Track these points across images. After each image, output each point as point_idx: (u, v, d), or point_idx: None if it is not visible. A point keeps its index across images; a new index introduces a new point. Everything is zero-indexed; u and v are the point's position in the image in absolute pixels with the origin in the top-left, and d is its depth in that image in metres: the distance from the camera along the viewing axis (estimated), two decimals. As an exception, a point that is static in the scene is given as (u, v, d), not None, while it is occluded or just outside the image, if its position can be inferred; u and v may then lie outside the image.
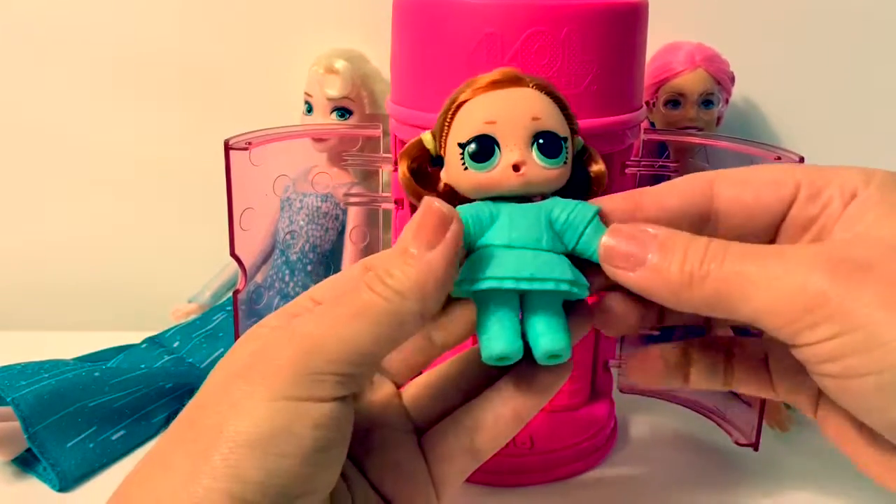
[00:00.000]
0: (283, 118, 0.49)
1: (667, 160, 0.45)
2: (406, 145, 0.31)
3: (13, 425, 0.43)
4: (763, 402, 0.44)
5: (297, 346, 0.24)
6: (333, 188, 0.56)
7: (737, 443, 0.46)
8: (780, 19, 0.60)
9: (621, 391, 0.51)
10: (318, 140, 0.55)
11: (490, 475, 0.44)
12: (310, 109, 0.57)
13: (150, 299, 0.62)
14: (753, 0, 0.60)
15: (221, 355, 0.55)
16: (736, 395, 0.49)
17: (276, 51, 0.61)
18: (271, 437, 0.23)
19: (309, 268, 0.55)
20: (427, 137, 0.30)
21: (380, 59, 0.57)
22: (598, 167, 0.30)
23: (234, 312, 0.45)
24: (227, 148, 0.41)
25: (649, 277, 0.25)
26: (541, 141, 0.28)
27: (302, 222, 0.55)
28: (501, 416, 0.29)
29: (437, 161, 0.30)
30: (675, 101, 0.55)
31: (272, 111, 0.60)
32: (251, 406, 0.23)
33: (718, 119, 0.56)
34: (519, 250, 0.27)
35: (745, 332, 0.35)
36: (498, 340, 0.26)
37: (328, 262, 0.57)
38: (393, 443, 0.30)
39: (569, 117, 0.29)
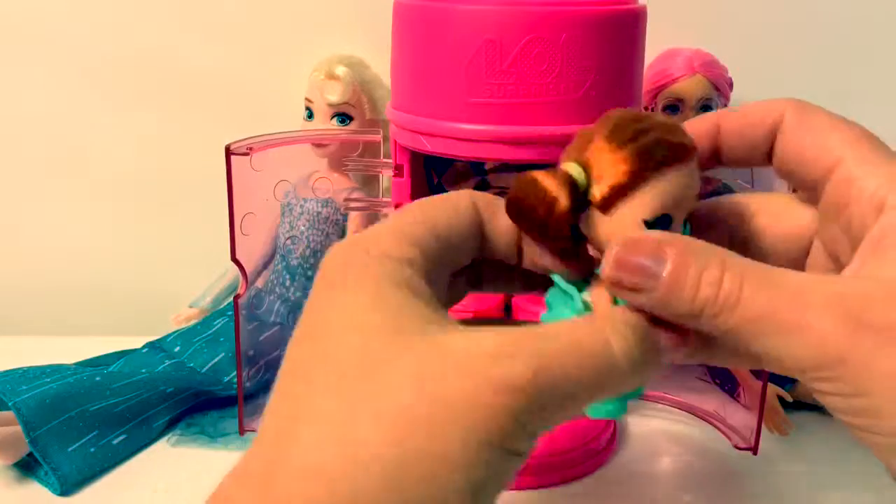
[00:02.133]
0: (283, 124, 0.49)
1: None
2: (540, 177, 0.24)
3: (15, 430, 0.43)
4: (762, 406, 0.45)
5: (523, 386, 0.21)
6: (334, 193, 0.56)
7: (736, 447, 0.46)
8: (778, 25, 0.60)
9: (621, 395, 0.51)
10: (319, 145, 0.55)
11: (490, 479, 0.44)
12: (310, 115, 0.57)
13: (151, 304, 0.62)
14: (752, 6, 0.60)
15: (222, 360, 0.56)
16: (735, 399, 0.49)
17: (277, 56, 0.62)
18: (493, 493, 0.21)
19: (309, 273, 0.56)
20: (577, 172, 0.24)
21: (380, 65, 0.58)
22: None
23: (235, 317, 0.46)
24: (228, 153, 0.41)
25: (660, 302, 0.23)
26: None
27: (302, 227, 0.55)
28: None
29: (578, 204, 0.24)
30: (673, 107, 0.55)
31: (273, 117, 0.60)
32: (486, 457, 0.20)
33: (717, 124, 0.57)
34: None
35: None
36: None
37: (328, 266, 0.57)
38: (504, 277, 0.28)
39: None
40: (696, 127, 0.27)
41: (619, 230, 0.24)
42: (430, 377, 0.21)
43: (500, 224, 0.26)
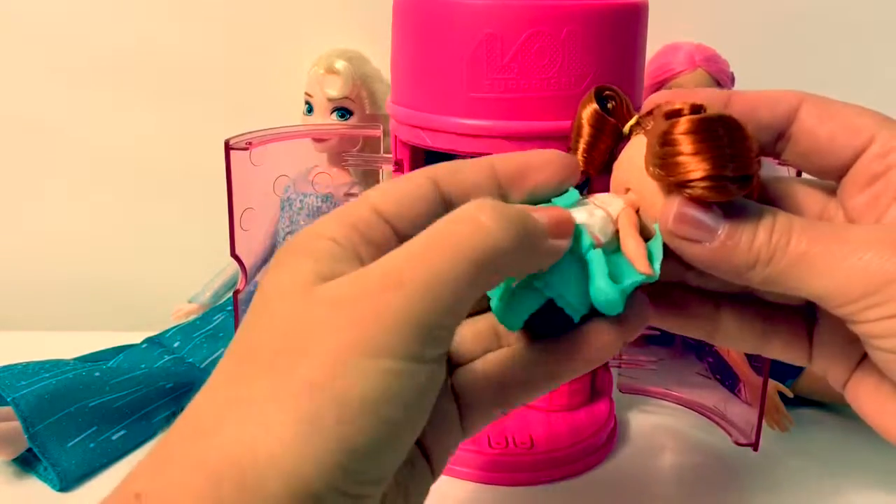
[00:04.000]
0: (283, 118, 0.49)
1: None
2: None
3: (14, 425, 0.43)
4: (763, 402, 0.45)
5: (409, 295, 0.21)
6: (334, 188, 0.56)
7: (736, 443, 0.46)
8: (779, 19, 0.60)
9: (621, 391, 0.51)
10: (319, 140, 0.55)
11: (490, 475, 0.44)
12: (310, 110, 0.57)
13: (151, 299, 0.62)
14: (753, 0, 0.60)
15: (222, 356, 0.55)
16: (735, 395, 0.49)
17: (277, 51, 0.61)
18: (385, 401, 0.21)
19: (309, 268, 0.55)
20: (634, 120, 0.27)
21: (380, 59, 0.58)
22: None
23: (235, 313, 0.46)
24: (228, 148, 0.41)
25: (716, 253, 0.25)
26: None
27: (302, 222, 0.55)
28: (534, 374, 0.28)
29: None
30: (674, 102, 0.55)
31: (272, 111, 0.60)
32: (362, 366, 0.21)
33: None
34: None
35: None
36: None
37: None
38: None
39: None
40: (712, 97, 0.28)
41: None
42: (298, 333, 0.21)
43: (466, 180, 0.26)
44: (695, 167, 0.24)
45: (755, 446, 0.45)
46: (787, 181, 0.29)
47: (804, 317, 0.29)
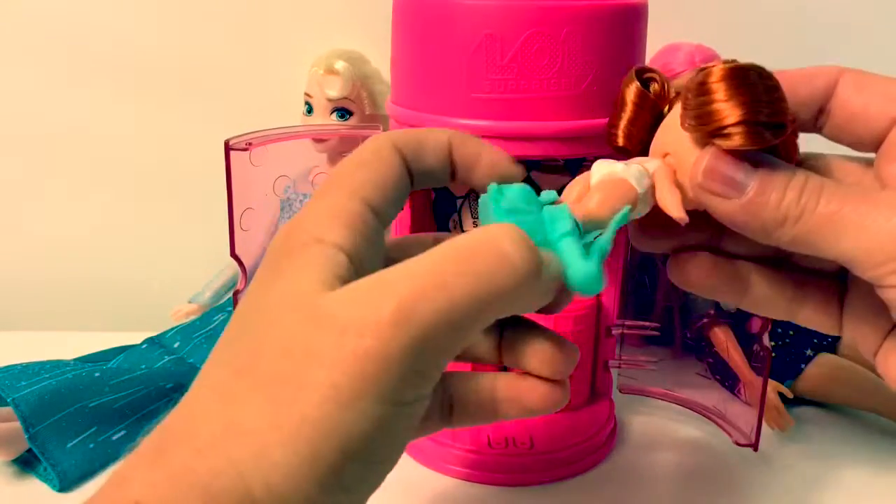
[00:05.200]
0: (283, 119, 0.49)
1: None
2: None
3: (14, 426, 0.43)
4: (763, 402, 0.45)
5: (411, 334, 0.20)
6: (333, 189, 0.55)
7: (736, 443, 0.46)
8: (779, 20, 0.60)
9: (621, 391, 0.51)
10: (319, 140, 0.55)
11: (490, 475, 0.44)
12: (310, 110, 0.57)
13: (151, 300, 0.62)
14: (753, 1, 0.60)
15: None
16: (735, 395, 0.49)
17: (277, 51, 0.61)
18: (380, 446, 0.21)
19: (309, 268, 0.55)
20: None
21: (380, 60, 0.58)
22: None
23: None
24: (228, 148, 0.41)
25: (745, 209, 0.25)
26: None
27: (302, 223, 0.55)
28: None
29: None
30: (674, 102, 0.55)
31: (272, 112, 0.60)
32: (360, 408, 0.20)
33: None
34: None
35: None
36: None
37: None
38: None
39: None
40: None
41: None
42: (299, 348, 0.21)
43: (430, 145, 0.27)
44: (729, 112, 0.24)
45: (755, 446, 0.45)
46: (824, 157, 0.29)
47: (836, 283, 0.29)
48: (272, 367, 0.21)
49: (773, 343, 0.50)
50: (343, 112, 0.56)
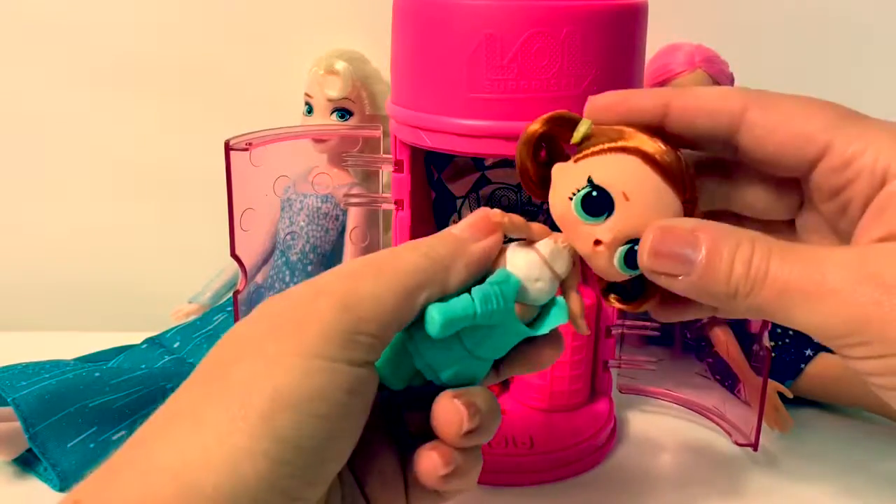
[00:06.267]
0: (283, 119, 0.49)
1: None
2: (555, 114, 0.28)
3: (14, 425, 0.43)
4: (762, 402, 0.45)
5: (329, 303, 0.24)
6: (334, 189, 0.56)
7: (736, 443, 0.46)
8: (779, 20, 0.60)
9: (621, 391, 0.52)
10: (319, 141, 0.55)
11: (490, 475, 0.44)
12: (310, 110, 0.57)
13: (151, 300, 0.62)
14: (753, 1, 0.60)
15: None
16: (735, 395, 0.49)
17: (277, 52, 0.61)
18: (309, 397, 0.23)
19: (309, 268, 0.55)
20: (584, 129, 0.27)
21: (380, 60, 0.58)
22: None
23: (235, 313, 0.46)
24: (228, 148, 0.41)
25: (697, 286, 0.25)
26: (634, 247, 0.26)
27: (302, 223, 0.55)
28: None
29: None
30: (674, 102, 0.55)
31: (273, 112, 0.60)
32: (288, 363, 0.23)
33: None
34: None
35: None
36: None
37: (328, 262, 0.57)
38: (380, 452, 0.29)
39: None
40: (642, 101, 0.27)
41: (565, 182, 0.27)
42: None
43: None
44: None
45: (755, 446, 0.45)
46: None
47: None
48: (212, 361, 0.25)
49: (773, 343, 0.50)
50: (343, 112, 0.56)
